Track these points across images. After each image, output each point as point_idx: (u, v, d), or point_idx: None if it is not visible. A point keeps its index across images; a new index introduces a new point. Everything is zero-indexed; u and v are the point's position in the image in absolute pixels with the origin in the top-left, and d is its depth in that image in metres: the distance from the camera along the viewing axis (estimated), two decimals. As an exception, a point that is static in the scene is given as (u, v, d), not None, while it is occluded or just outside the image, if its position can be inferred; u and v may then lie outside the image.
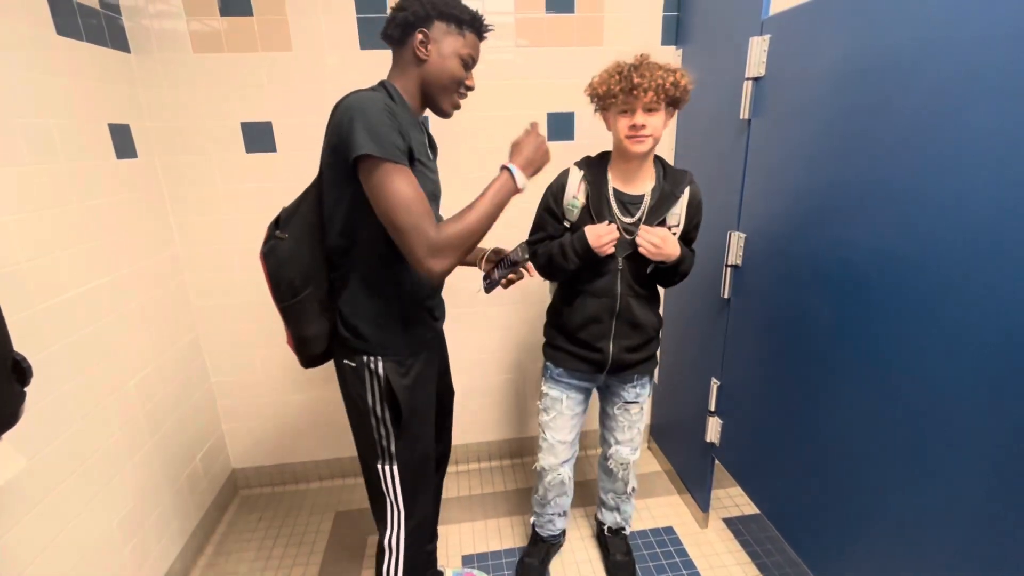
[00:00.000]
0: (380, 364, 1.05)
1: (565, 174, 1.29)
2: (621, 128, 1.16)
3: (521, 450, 2.19)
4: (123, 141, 1.47)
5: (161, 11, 1.52)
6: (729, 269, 1.50)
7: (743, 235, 1.44)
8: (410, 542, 1.16)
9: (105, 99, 1.41)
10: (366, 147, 0.86)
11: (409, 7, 0.98)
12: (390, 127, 0.89)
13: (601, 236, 1.19)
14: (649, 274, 1.29)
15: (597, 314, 1.29)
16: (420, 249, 0.90)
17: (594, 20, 1.72)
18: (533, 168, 1.04)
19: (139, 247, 1.51)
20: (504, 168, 1.01)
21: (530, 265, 1.25)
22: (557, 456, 1.46)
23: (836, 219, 1.12)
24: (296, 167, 1.71)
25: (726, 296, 1.53)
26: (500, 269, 1.21)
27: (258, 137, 1.66)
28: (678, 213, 1.25)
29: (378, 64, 1.64)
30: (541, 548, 1.62)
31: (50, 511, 1.14)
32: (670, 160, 1.87)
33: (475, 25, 1.02)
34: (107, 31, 1.43)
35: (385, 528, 1.15)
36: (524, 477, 2.08)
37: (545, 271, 1.32)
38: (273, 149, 1.68)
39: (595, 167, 1.27)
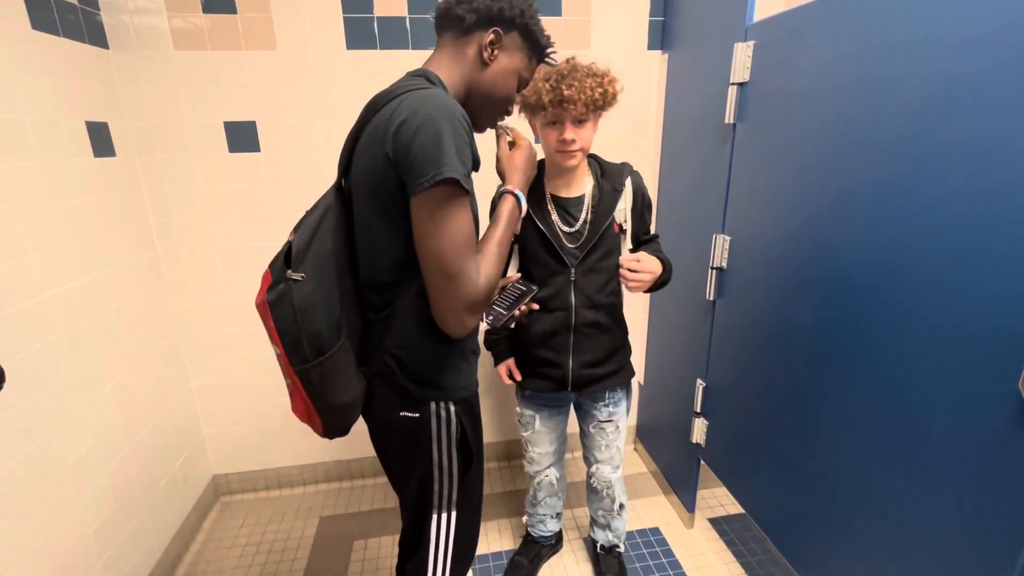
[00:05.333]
0: (452, 409, 0.90)
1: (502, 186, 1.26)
2: (551, 142, 1.15)
3: (510, 452, 2.18)
4: (101, 139, 1.43)
5: (141, 7, 1.48)
6: (714, 272, 1.52)
7: (728, 238, 1.46)
8: None
9: (82, 96, 1.37)
10: (453, 169, 0.71)
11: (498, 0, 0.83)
12: (467, 145, 0.76)
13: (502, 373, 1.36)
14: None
15: (553, 328, 1.26)
16: (462, 299, 0.77)
17: (581, 24, 1.73)
18: (529, 185, 0.97)
19: (117, 249, 1.48)
20: (509, 193, 0.91)
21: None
22: (541, 464, 1.47)
23: (820, 222, 1.14)
24: (281, 168, 1.69)
25: (711, 298, 1.55)
26: (502, 303, 1.01)
27: (241, 137, 1.64)
28: (624, 208, 1.23)
29: (364, 65, 1.64)
30: (532, 549, 1.62)
31: (21, 521, 1.10)
32: (655, 165, 1.89)
33: (543, 54, 0.93)
34: (85, 26, 1.39)
35: None
36: (513, 480, 2.07)
37: None
38: (257, 149, 1.66)
39: None
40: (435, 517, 0.95)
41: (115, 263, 1.46)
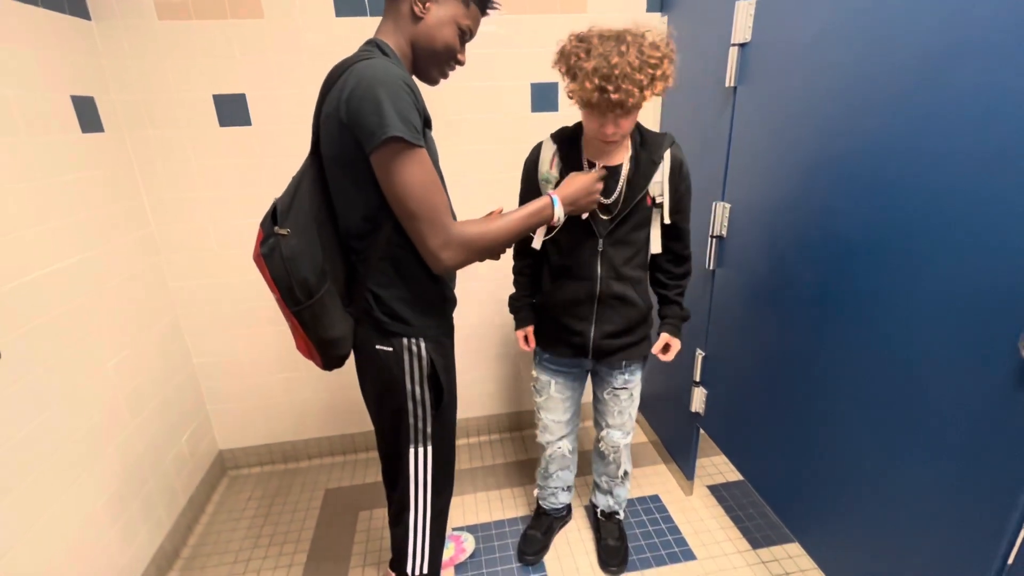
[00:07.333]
0: (423, 345, 1.01)
1: (538, 148, 1.24)
2: (591, 127, 1.08)
3: (518, 423, 2.21)
4: (88, 114, 1.40)
5: (121, -25, 1.44)
6: (714, 240, 1.50)
7: (728, 205, 1.44)
8: (435, 524, 1.13)
9: (66, 69, 1.34)
10: (395, 128, 0.80)
11: None
12: (411, 105, 0.83)
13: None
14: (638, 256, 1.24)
15: (577, 297, 1.25)
16: (435, 239, 0.88)
17: (577, -15, 1.67)
18: (574, 208, 1.07)
19: (110, 226, 1.46)
20: (550, 196, 1.02)
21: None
22: (553, 434, 1.47)
23: (821, 188, 1.12)
24: (272, 141, 1.66)
25: (711, 267, 1.53)
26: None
27: (231, 110, 1.60)
28: (660, 181, 1.17)
29: (354, 32, 1.59)
30: (544, 521, 1.63)
31: (28, 495, 1.12)
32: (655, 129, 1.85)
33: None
34: (64, -4, 1.35)
35: (408, 514, 1.10)
36: (520, 450, 2.10)
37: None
38: (248, 122, 1.63)
39: (568, 141, 1.20)
40: (412, 451, 1.06)
41: (109, 241, 1.45)
